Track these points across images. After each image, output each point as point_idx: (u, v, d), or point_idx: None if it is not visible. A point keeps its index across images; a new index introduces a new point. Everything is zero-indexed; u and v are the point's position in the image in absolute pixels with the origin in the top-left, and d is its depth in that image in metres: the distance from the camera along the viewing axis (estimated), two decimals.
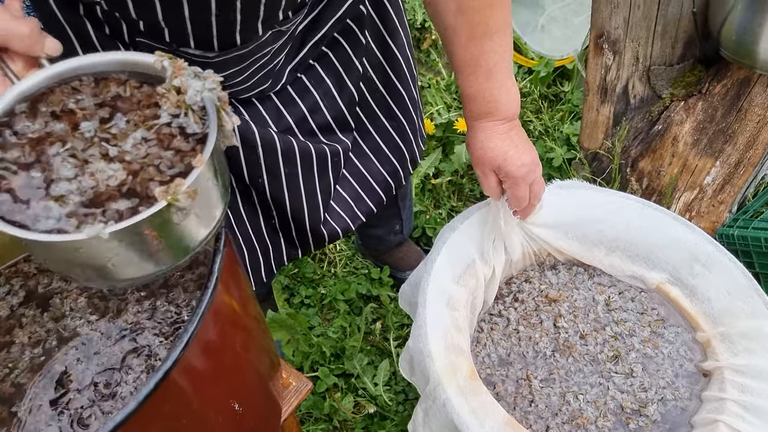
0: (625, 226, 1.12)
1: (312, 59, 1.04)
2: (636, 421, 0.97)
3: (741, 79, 1.38)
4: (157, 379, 0.60)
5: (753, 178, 1.48)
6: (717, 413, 0.95)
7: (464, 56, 0.90)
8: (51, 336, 0.92)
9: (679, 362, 1.04)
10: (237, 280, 0.83)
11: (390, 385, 1.55)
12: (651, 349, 1.05)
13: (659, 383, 1.01)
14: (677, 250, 1.10)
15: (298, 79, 1.05)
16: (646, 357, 1.04)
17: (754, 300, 1.01)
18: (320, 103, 1.07)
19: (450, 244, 1.06)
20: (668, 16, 1.39)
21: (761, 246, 1.38)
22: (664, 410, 0.99)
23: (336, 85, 1.07)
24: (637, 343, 1.05)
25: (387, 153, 1.20)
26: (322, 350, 1.59)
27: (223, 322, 0.75)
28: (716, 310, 1.06)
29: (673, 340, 1.07)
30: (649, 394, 1.00)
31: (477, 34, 0.88)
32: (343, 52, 1.05)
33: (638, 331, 1.07)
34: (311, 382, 1.06)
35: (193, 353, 0.67)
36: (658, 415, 0.98)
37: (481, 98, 0.92)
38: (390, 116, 1.17)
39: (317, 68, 1.05)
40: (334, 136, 1.13)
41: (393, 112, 1.17)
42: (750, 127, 1.39)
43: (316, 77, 1.06)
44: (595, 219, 1.13)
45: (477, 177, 1.02)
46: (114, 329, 0.93)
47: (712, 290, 1.07)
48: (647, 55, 1.47)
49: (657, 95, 1.51)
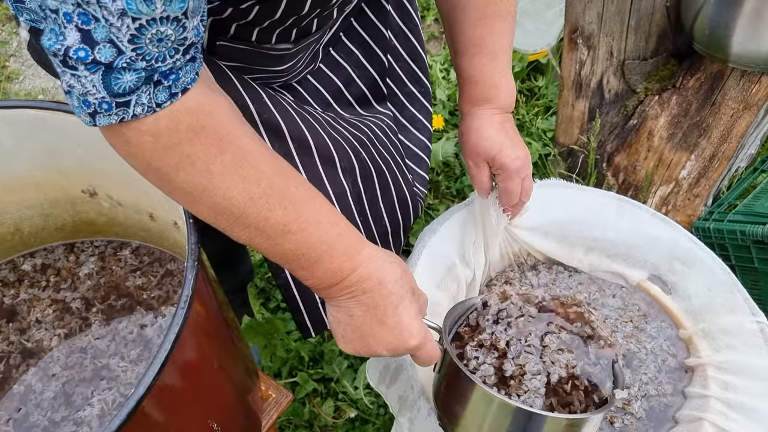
0: (603, 226, 1.11)
1: (342, 32, 1.03)
2: (621, 419, 0.96)
3: (714, 73, 1.39)
4: (130, 407, 0.57)
5: (727, 171, 1.49)
6: (701, 411, 0.95)
7: (472, 35, 0.88)
8: (14, 349, 0.88)
9: (662, 357, 1.03)
10: (212, 296, 0.80)
11: (370, 388, 1.53)
12: (634, 344, 1.04)
13: (642, 378, 1.01)
14: (657, 248, 1.10)
15: (329, 54, 1.04)
16: (629, 353, 1.03)
17: (733, 296, 1.01)
18: (353, 75, 1.06)
19: (430, 247, 1.04)
20: (641, 10, 1.39)
21: (737, 239, 1.39)
22: (647, 406, 0.98)
23: (365, 55, 1.06)
24: (621, 338, 1.05)
25: (422, 120, 1.19)
26: (300, 355, 1.56)
27: (199, 341, 0.72)
28: (697, 306, 1.06)
29: (656, 335, 1.06)
30: (632, 390, 0.99)
31: (488, 14, 0.87)
32: (369, 20, 1.04)
33: (620, 327, 1.06)
34: (291, 393, 1.03)
35: (168, 376, 0.64)
36: (642, 412, 0.97)
37: (482, 81, 0.90)
38: (416, 82, 1.16)
39: (345, 41, 1.04)
40: (372, 108, 1.12)
41: (418, 76, 1.15)
42: (724, 121, 1.39)
43: (345, 50, 1.05)
44: (574, 219, 1.12)
45: (467, 168, 0.99)
46: (78, 347, 0.89)
47: (692, 287, 1.07)
48: (621, 50, 1.47)
49: (632, 89, 1.51)
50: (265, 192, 0.66)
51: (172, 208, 0.80)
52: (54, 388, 0.84)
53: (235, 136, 0.64)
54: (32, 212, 0.93)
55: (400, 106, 1.16)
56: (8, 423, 0.82)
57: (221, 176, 0.63)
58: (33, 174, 0.87)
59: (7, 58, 2.30)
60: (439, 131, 1.90)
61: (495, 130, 0.92)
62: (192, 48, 0.60)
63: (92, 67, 0.56)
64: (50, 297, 0.94)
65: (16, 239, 0.95)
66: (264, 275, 1.73)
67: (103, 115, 0.58)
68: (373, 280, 0.72)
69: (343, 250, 0.71)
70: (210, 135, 0.62)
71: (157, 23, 0.55)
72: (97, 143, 0.81)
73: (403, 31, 1.11)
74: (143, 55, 0.56)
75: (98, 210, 0.94)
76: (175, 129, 0.60)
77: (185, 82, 0.60)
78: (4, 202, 0.90)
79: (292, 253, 0.69)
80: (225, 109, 0.64)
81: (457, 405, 0.80)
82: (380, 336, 0.73)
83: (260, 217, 0.66)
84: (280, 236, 0.68)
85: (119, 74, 0.56)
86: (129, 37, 0.55)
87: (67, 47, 0.55)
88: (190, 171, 0.62)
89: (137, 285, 0.95)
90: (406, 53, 1.12)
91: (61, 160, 0.86)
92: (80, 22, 0.54)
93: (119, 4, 0.53)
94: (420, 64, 1.15)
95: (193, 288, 0.64)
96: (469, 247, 1.07)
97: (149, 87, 0.58)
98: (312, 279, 0.72)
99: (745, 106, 1.35)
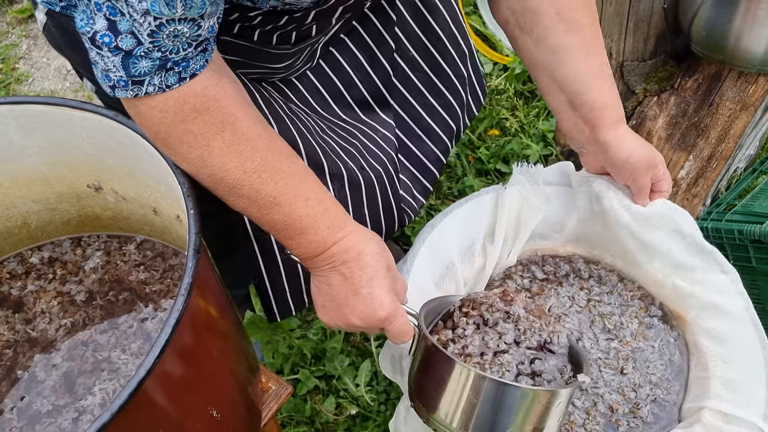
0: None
1: (342, 33, 1.05)
2: (627, 422, 0.95)
3: (712, 74, 1.40)
4: (132, 389, 0.59)
5: (725, 171, 1.51)
6: (702, 400, 0.94)
7: (587, 69, 0.92)
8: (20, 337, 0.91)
9: (668, 355, 1.02)
10: (213, 288, 0.82)
11: (371, 385, 1.54)
12: (642, 342, 1.03)
13: (651, 380, 0.99)
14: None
15: (330, 53, 1.06)
16: (635, 351, 1.02)
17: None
18: (354, 78, 1.10)
19: (430, 245, 1.04)
20: (640, 13, 1.41)
21: (735, 238, 1.40)
22: (657, 411, 0.97)
23: (368, 60, 1.09)
24: (629, 336, 1.03)
25: (438, 132, 1.21)
26: (302, 352, 1.57)
27: (199, 328, 0.74)
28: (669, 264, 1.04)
29: (656, 324, 1.04)
30: (640, 394, 0.98)
31: (592, 47, 0.91)
32: (373, 26, 1.07)
33: (627, 324, 1.04)
34: (291, 386, 1.05)
35: (168, 361, 0.66)
36: (651, 417, 0.96)
37: (613, 104, 0.94)
38: (437, 94, 1.18)
39: (347, 42, 1.07)
40: (374, 113, 1.15)
41: (439, 89, 1.18)
42: (721, 121, 1.41)
43: (348, 52, 1.08)
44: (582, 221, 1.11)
45: (635, 191, 0.99)
46: (81, 339, 0.91)
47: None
48: (620, 51, 1.48)
49: (631, 91, 1.53)
50: (258, 167, 0.74)
51: (175, 202, 0.82)
52: (56, 377, 0.87)
53: (237, 119, 0.72)
54: (39, 206, 0.95)
55: (416, 116, 1.18)
56: (12, 411, 0.84)
57: (219, 151, 0.72)
58: (40, 168, 0.90)
59: (16, 61, 2.34)
60: None
61: (639, 139, 0.97)
62: (204, 42, 0.68)
63: (114, 51, 0.65)
64: (56, 289, 0.96)
65: (23, 233, 0.98)
66: None
67: (121, 89, 0.68)
68: (353, 252, 0.80)
69: (328, 224, 0.79)
70: (213, 115, 0.70)
71: (176, 23, 0.64)
72: (103, 139, 0.84)
73: (424, 44, 1.13)
74: (159, 47, 0.65)
75: (103, 205, 0.96)
76: (180, 108, 0.69)
77: (194, 68, 0.69)
78: (11, 196, 0.92)
79: (281, 223, 0.78)
80: (230, 93, 0.72)
81: (430, 385, 0.82)
82: (353, 305, 0.81)
83: (252, 189, 0.75)
84: (270, 207, 0.76)
85: (136, 60, 0.65)
86: (149, 31, 0.63)
87: (95, 31, 0.64)
88: (192, 144, 0.71)
89: (140, 279, 0.97)
90: (426, 65, 1.14)
91: (67, 155, 0.88)
92: (108, 13, 0.63)
93: (144, 5, 0.61)
94: (443, 78, 1.17)
95: (193, 276, 0.66)
96: (477, 241, 1.06)
97: (162, 72, 0.67)
98: (298, 248, 0.81)
99: (742, 107, 1.37)
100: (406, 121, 1.17)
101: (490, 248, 1.07)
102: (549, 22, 0.90)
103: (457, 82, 1.19)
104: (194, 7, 0.63)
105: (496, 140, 1.91)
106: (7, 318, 0.93)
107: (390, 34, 1.09)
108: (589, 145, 0.98)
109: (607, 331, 1.03)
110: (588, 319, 1.04)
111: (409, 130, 1.18)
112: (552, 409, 0.79)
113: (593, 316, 1.05)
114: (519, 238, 1.08)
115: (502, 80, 2.02)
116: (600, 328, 1.04)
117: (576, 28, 0.90)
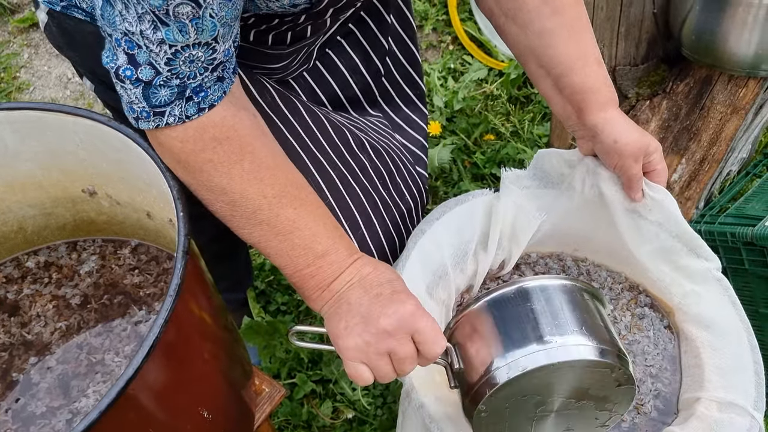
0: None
1: (339, 36, 1.07)
2: (631, 419, 0.95)
3: (703, 78, 1.41)
4: (119, 387, 0.60)
5: (718, 174, 1.51)
6: (696, 390, 0.93)
7: (571, 52, 0.91)
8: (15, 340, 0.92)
9: (662, 345, 1.02)
10: (204, 290, 0.83)
11: (368, 389, 1.55)
12: (637, 334, 1.02)
13: (651, 371, 0.99)
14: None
15: (326, 54, 1.08)
16: (632, 344, 1.02)
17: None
18: (350, 80, 1.11)
19: (420, 250, 1.02)
20: (631, 18, 1.42)
21: (727, 240, 1.41)
22: (661, 405, 0.97)
23: (363, 61, 1.11)
24: (624, 330, 1.03)
25: (417, 120, 1.23)
26: (299, 357, 1.58)
27: (189, 329, 0.75)
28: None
29: (647, 314, 1.05)
30: (643, 389, 0.97)
31: (577, 29, 0.91)
32: (369, 29, 1.09)
33: (620, 318, 1.04)
34: (284, 388, 1.05)
35: (157, 361, 0.67)
36: (655, 412, 0.96)
37: (602, 85, 0.92)
38: (412, 85, 1.20)
39: (344, 45, 1.09)
40: (364, 111, 1.17)
41: (414, 79, 1.20)
42: (713, 125, 1.42)
43: (344, 54, 1.09)
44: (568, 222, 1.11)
45: (625, 181, 0.96)
46: (75, 343, 0.92)
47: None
48: (612, 56, 1.50)
49: (623, 95, 1.54)
50: (279, 193, 0.75)
51: (167, 205, 0.84)
52: (50, 379, 0.88)
53: (255, 148, 0.75)
54: (35, 211, 0.97)
55: (396, 107, 1.20)
56: (7, 413, 0.85)
57: (239, 178, 0.74)
58: (35, 173, 0.91)
59: (18, 69, 2.37)
60: (436, 137, 1.94)
61: (630, 124, 0.94)
62: (220, 67, 0.71)
63: (136, 83, 0.69)
64: (51, 293, 0.97)
65: (19, 237, 0.99)
66: (265, 278, 1.76)
67: (143, 121, 0.72)
68: (370, 266, 0.78)
69: (346, 245, 0.79)
70: (233, 144, 0.73)
71: (190, 48, 0.67)
72: (95, 143, 0.86)
73: (403, 39, 1.16)
74: (177, 74, 0.68)
75: (98, 209, 0.98)
76: (200, 137, 0.72)
77: (213, 99, 0.72)
78: (7, 201, 0.93)
79: (300, 248, 0.76)
80: (248, 124, 0.75)
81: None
82: (379, 307, 0.73)
83: (272, 214, 0.75)
84: (290, 232, 0.76)
85: (156, 90, 0.69)
86: (165, 60, 0.67)
87: (118, 66, 0.69)
88: (212, 172, 0.73)
89: (134, 283, 0.98)
90: (404, 59, 1.17)
91: (61, 160, 0.89)
92: (127, 47, 0.67)
93: (159, 35, 0.65)
94: (416, 68, 1.20)
95: (182, 276, 0.67)
96: (471, 246, 1.04)
97: (181, 101, 0.70)
98: (316, 275, 0.77)
99: (733, 110, 1.38)
100: (390, 116, 1.20)
101: (482, 255, 1.07)
102: (533, 5, 0.89)
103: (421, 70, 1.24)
104: (205, 30, 0.66)
105: (491, 145, 1.92)
106: (2, 321, 0.94)
107: (384, 36, 1.11)
108: (579, 129, 0.97)
109: None
110: None
111: (392, 123, 1.20)
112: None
113: None
114: (516, 247, 1.08)
115: (497, 86, 2.03)
116: None
117: (560, 10, 0.89)
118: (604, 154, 0.96)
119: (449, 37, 2.27)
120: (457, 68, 2.17)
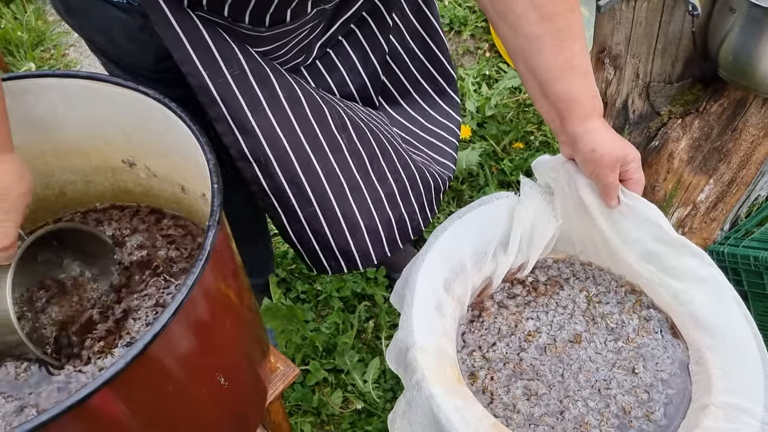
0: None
1: (341, 35, 1.11)
2: (638, 426, 0.94)
3: (737, 99, 1.41)
4: (146, 341, 0.63)
5: (746, 197, 1.51)
6: (704, 396, 0.93)
7: (557, 61, 0.91)
8: None
9: (672, 349, 1.01)
10: (232, 266, 0.86)
11: (379, 382, 1.58)
12: (645, 337, 1.02)
13: (662, 377, 0.98)
14: None
15: (326, 54, 1.11)
16: (641, 347, 1.01)
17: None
18: (347, 78, 1.14)
19: (443, 243, 1.04)
20: (669, 35, 1.43)
21: (750, 264, 1.41)
22: (671, 412, 0.96)
23: (361, 61, 1.14)
24: (632, 333, 1.03)
25: (448, 124, 1.26)
26: (314, 344, 1.61)
27: (214, 303, 0.78)
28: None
29: (653, 315, 1.04)
30: (653, 394, 0.97)
31: (565, 38, 0.90)
32: (369, 29, 1.12)
33: (627, 321, 1.04)
34: (298, 369, 1.08)
35: (183, 323, 0.70)
36: (665, 420, 0.95)
37: (585, 97, 0.93)
38: (431, 80, 1.22)
39: (344, 44, 1.12)
40: (371, 104, 1.20)
41: (433, 75, 1.22)
42: (744, 147, 1.41)
43: (344, 53, 1.12)
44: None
45: (603, 187, 0.97)
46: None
47: None
48: (647, 72, 1.50)
49: (656, 111, 1.55)
50: None
51: (202, 180, 0.87)
52: None
53: None
54: (76, 177, 1.01)
55: (412, 101, 1.23)
56: None
57: None
58: (80, 141, 0.95)
59: (67, 47, 2.45)
60: (465, 141, 1.96)
61: (611, 135, 0.95)
62: None
63: None
64: None
65: (60, 202, 1.04)
66: (287, 266, 1.80)
67: None
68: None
69: None
70: None
71: None
72: (140, 116, 0.90)
73: (421, 35, 1.18)
74: None
75: (135, 180, 1.02)
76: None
77: None
78: (51, 165, 0.98)
79: None
80: None
81: None
82: None
83: None
84: None
85: None
86: None
87: None
88: None
89: (170, 257, 1.01)
90: (423, 56, 1.20)
91: (105, 129, 0.94)
92: None
93: None
94: (436, 65, 1.22)
95: (212, 244, 0.70)
96: (490, 247, 1.06)
97: None
98: None
99: (765, 133, 1.37)
100: (414, 117, 1.23)
101: (502, 257, 1.09)
102: (522, 10, 0.89)
103: (455, 79, 1.27)
104: None
105: (520, 153, 1.94)
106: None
107: (384, 37, 1.14)
108: (561, 134, 0.98)
109: (611, 331, 1.05)
110: (592, 321, 1.06)
111: (407, 115, 1.23)
112: None
113: (596, 318, 1.06)
114: (534, 250, 1.10)
115: None
116: (603, 328, 1.05)
117: (549, 17, 0.89)
118: (582, 163, 0.98)
119: (486, 44, 2.29)
120: (492, 75, 2.18)
